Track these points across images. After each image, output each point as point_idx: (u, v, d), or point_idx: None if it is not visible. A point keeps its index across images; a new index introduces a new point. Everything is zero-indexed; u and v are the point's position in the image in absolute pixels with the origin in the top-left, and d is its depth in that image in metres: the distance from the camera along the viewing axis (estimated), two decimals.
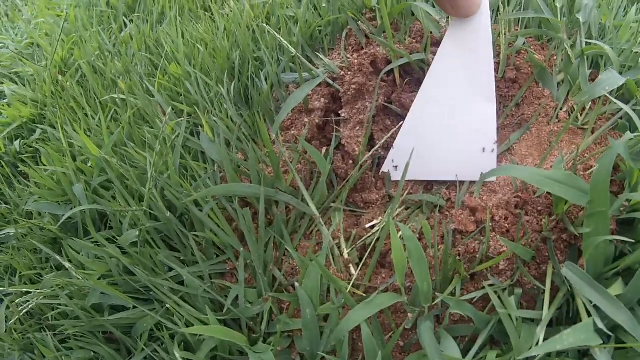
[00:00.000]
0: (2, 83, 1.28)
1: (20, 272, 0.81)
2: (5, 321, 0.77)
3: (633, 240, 0.54)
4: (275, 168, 0.68)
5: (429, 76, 0.62)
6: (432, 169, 0.69)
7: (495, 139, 0.64)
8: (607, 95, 0.66)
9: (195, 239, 0.68)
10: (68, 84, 1.11)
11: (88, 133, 0.92)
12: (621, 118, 0.67)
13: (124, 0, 1.40)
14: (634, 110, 0.67)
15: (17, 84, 1.26)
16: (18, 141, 1.08)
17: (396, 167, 0.70)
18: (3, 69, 1.38)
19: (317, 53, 0.88)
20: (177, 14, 1.23)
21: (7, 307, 0.79)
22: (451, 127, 0.65)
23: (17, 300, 0.74)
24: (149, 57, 1.08)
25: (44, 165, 0.92)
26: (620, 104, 0.61)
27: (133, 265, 0.66)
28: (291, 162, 0.70)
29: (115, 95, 0.98)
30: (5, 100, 1.21)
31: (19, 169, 1.03)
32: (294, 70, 0.87)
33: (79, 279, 0.67)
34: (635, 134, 0.59)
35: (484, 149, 0.64)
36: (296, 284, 0.59)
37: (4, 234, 0.88)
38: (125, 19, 1.34)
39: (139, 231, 0.68)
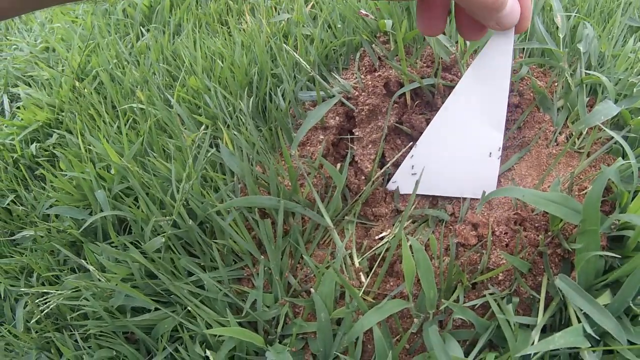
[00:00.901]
0: (17, 85, 1.31)
1: (39, 274, 0.84)
2: (25, 320, 0.81)
3: (621, 256, 0.58)
4: (293, 182, 0.73)
5: (448, 101, 0.67)
6: (439, 185, 0.74)
7: (500, 147, 0.69)
8: (601, 125, 0.71)
9: (215, 246, 0.72)
10: (86, 90, 1.14)
11: (107, 140, 0.95)
12: (615, 143, 0.71)
13: (141, 10, 1.43)
14: (627, 137, 0.72)
15: (31, 87, 1.28)
16: (34, 145, 1.11)
17: (405, 180, 0.75)
18: (17, 72, 1.41)
19: (332, 72, 0.92)
20: (194, 27, 1.27)
21: (25, 306, 0.82)
22: (460, 149, 0.70)
23: (36, 301, 0.78)
24: (166, 68, 1.12)
25: (61, 170, 0.95)
26: (612, 133, 0.66)
27: (156, 269, 0.70)
28: (308, 176, 0.74)
29: (134, 105, 1.01)
30: (21, 103, 1.23)
31: (35, 172, 1.06)
32: (310, 88, 0.92)
33: (101, 280, 0.71)
34: (626, 160, 0.64)
35: (490, 153, 0.69)
36: (312, 289, 0.64)
37: (21, 235, 0.91)
38: (141, 29, 1.38)
39: (164, 238, 0.72)
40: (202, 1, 1.42)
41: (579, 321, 0.55)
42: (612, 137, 0.71)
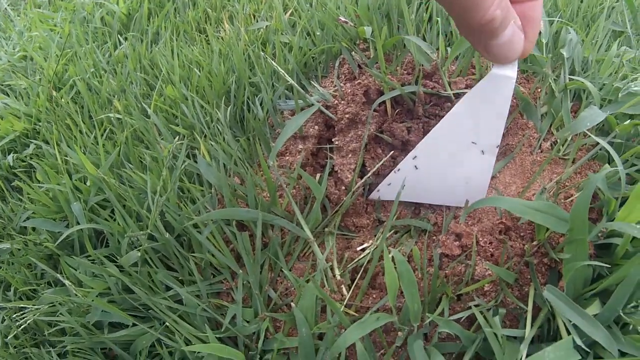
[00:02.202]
0: None
1: (17, 288, 0.82)
2: (3, 336, 0.78)
3: (610, 265, 0.58)
4: (272, 193, 0.71)
5: (445, 119, 0.63)
6: (425, 194, 0.73)
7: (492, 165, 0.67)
8: (587, 132, 0.70)
9: (193, 259, 0.70)
10: (63, 100, 1.12)
11: (83, 150, 0.93)
12: (601, 149, 0.71)
13: (119, 18, 1.41)
14: (613, 142, 0.72)
15: (9, 96, 1.26)
16: (11, 155, 1.09)
17: (389, 189, 0.73)
18: None
19: (311, 80, 0.91)
20: (172, 35, 1.25)
21: (3, 321, 0.80)
22: (450, 166, 0.68)
23: (14, 316, 0.76)
24: (143, 77, 1.10)
25: (38, 181, 0.93)
26: (598, 140, 0.65)
27: (133, 283, 0.68)
28: (287, 188, 0.72)
29: (110, 114, 0.99)
30: None
31: (12, 184, 1.03)
32: (289, 97, 0.90)
33: (77, 296, 0.69)
34: (613, 166, 0.63)
35: (482, 151, 0.67)
36: (292, 304, 0.62)
37: None
38: (119, 37, 1.36)
39: (140, 252, 0.70)
40: (181, 9, 1.40)
41: (568, 332, 0.55)
42: (597, 143, 0.70)
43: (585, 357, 0.54)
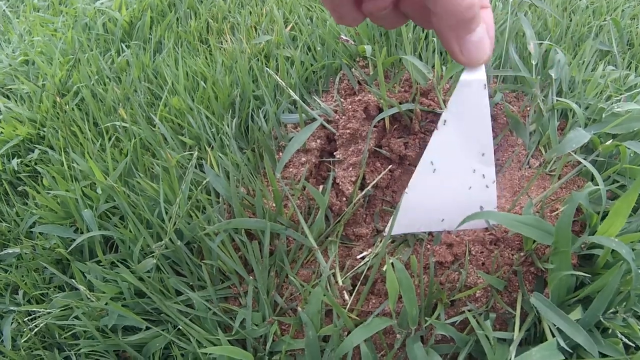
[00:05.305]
0: None
1: (26, 292, 0.84)
2: (13, 339, 0.81)
3: (591, 274, 0.62)
4: (278, 204, 0.75)
5: (430, 144, 0.63)
6: (428, 222, 0.74)
7: (493, 180, 0.67)
8: (572, 153, 0.74)
9: (205, 267, 0.74)
10: (67, 107, 1.14)
11: (90, 157, 0.95)
12: (585, 166, 0.75)
13: (121, 25, 1.43)
14: (596, 160, 0.76)
15: (10, 100, 1.27)
16: (15, 160, 1.10)
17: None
18: None
19: (312, 95, 0.95)
20: (175, 44, 1.27)
21: (11, 323, 0.82)
22: (451, 189, 0.68)
23: (25, 319, 0.78)
24: (147, 86, 1.12)
25: (44, 186, 0.94)
26: (581, 159, 0.69)
27: (145, 288, 0.71)
28: (292, 198, 0.77)
29: (116, 123, 1.02)
30: (0, 116, 1.22)
31: (17, 188, 1.05)
32: (291, 110, 0.94)
33: (92, 300, 0.72)
34: (595, 184, 0.68)
35: (487, 185, 0.66)
36: (299, 308, 0.66)
37: (5, 252, 0.90)
38: (122, 45, 1.38)
39: (156, 260, 0.74)
40: (183, 19, 1.43)
41: (553, 335, 0.59)
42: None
43: (569, 358, 0.59)
